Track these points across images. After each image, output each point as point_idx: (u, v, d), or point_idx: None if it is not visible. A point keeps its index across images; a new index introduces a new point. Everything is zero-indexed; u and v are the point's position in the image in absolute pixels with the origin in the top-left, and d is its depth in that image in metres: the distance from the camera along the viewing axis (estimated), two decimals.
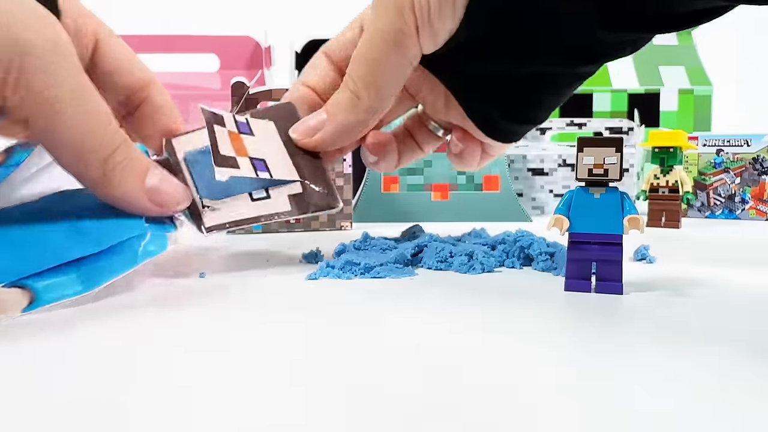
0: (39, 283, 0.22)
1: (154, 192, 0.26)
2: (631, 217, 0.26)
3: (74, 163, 0.24)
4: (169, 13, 1.02)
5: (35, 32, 0.22)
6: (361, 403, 0.15)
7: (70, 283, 0.23)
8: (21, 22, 0.22)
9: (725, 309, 0.25)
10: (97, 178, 0.24)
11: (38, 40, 0.22)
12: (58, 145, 0.24)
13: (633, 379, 0.17)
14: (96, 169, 0.24)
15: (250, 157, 0.30)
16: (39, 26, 0.22)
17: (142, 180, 0.26)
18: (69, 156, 0.24)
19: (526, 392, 0.16)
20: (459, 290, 0.28)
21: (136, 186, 0.26)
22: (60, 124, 0.23)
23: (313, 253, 0.36)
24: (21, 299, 0.21)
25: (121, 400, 0.15)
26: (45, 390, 0.16)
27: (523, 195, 0.69)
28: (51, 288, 0.22)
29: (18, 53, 0.21)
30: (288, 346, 0.20)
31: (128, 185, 0.25)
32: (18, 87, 0.22)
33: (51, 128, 0.23)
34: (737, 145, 0.63)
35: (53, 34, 0.23)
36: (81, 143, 0.24)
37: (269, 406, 0.15)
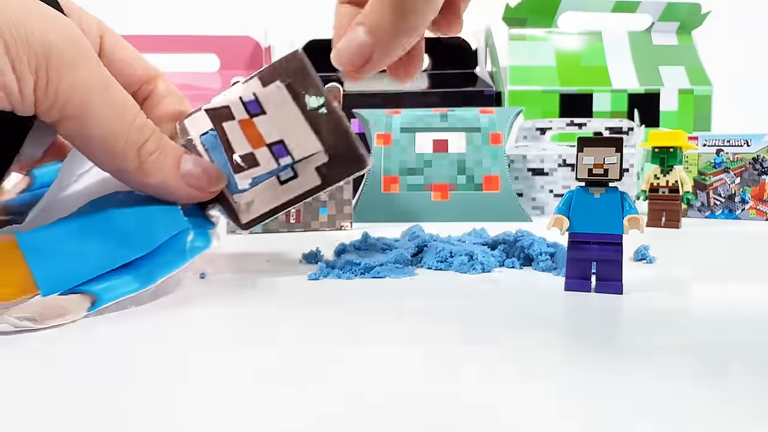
0: (96, 287, 0.23)
1: (190, 176, 0.26)
2: (631, 217, 0.26)
3: (109, 157, 0.25)
4: (169, 13, 1.02)
5: (56, 34, 0.22)
6: (361, 403, 0.15)
7: (126, 283, 0.24)
8: (41, 26, 0.22)
9: (725, 309, 0.25)
10: (134, 169, 0.25)
11: (61, 42, 0.22)
12: (91, 143, 0.24)
13: (633, 380, 0.17)
14: (131, 161, 0.25)
15: (267, 144, 0.29)
16: (58, 28, 0.23)
17: (177, 166, 0.26)
18: (103, 151, 0.24)
19: (525, 392, 0.16)
20: (459, 290, 0.28)
21: (172, 172, 0.26)
22: (90, 121, 0.23)
23: (313, 253, 0.36)
24: (82, 302, 0.22)
25: (120, 400, 0.15)
26: (46, 391, 0.16)
27: (523, 195, 0.69)
28: (109, 289, 0.23)
29: (44, 57, 0.22)
30: (288, 346, 0.20)
31: (164, 173, 0.26)
32: (48, 89, 0.22)
33: (82, 126, 0.23)
34: (737, 145, 0.63)
35: (73, 33, 0.23)
36: (113, 137, 0.24)
37: (269, 406, 0.15)
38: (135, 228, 0.25)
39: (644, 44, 0.86)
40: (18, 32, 0.21)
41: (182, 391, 0.16)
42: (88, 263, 0.23)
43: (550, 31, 0.87)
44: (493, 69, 0.87)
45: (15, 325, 0.20)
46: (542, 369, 0.17)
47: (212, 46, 0.85)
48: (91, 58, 0.24)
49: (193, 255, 0.26)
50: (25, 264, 0.22)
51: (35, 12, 0.23)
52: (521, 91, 0.82)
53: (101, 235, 0.24)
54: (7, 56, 0.21)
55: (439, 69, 0.88)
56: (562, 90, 0.82)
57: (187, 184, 0.26)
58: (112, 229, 0.24)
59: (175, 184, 0.26)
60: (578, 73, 0.84)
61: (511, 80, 0.82)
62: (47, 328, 0.21)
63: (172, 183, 0.26)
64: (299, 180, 0.29)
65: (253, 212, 0.29)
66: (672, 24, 0.86)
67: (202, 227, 0.27)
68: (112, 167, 0.25)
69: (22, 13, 0.22)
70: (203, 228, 0.27)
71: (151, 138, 0.25)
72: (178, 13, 1.04)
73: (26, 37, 0.21)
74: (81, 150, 0.25)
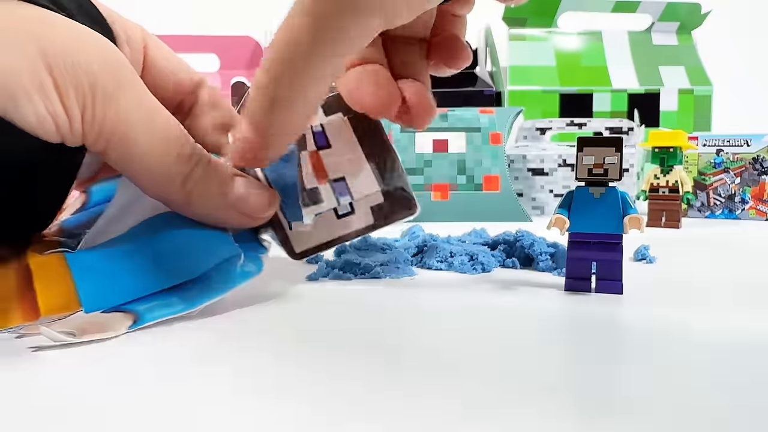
0: (140, 306, 0.22)
1: (240, 202, 0.25)
2: (631, 217, 0.26)
3: (154, 188, 0.24)
4: (169, 13, 1.02)
5: (100, 64, 0.22)
6: (361, 403, 0.15)
7: (170, 304, 0.23)
8: (87, 56, 0.22)
9: (725, 309, 0.25)
10: (180, 200, 0.24)
11: (105, 72, 0.22)
12: (136, 173, 0.24)
13: (633, 380, 0.17)
14: (176, 192, 0.24)
15: (329, 179, 0.28)
16: (103, 57, 0.22)
17: (225, 193, 0.25)
18: (148, 182, 0.24)
19: (525, 393, 0.16)
20: (459, 290, 0.28)
21: (220, 200, 0.25)
22: (134, 153, 0.23)
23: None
24: (124, 320, 0.22)
25: (119, 400, 0.15)
26: (45, 395, 0.16)
27: (523, 195, 0.69)
28: (152, 309, 0.22)
29: (90, 90, 0.22)
30: (288, 346, 0.20)
31: (211, 201, 0.24)
32: (94, 122, 0.22)
33: (127, 158, 0.23)
34: (737, 145, 0.63)
35: (117, 61, 0.23)
36: (158, 168, 0.23)
37: (269, 405, 0.15)
38: (185, 251, 0.24)
39: (644, 44, 0.86)
40: (66, 65, 0.21)
41: (181, 392, 0.16)
42: (135, 284, 0.23)
43: (550, 31, 0.87)
44: (493, 69, 0.87)
45: (54, 339, 0.19)
46: (542, 369, 0.17)
47: (212, 46, 0.85)
48: (135, 86, 0.23)
49: (243, 280, 0.25)
50: (71, 281, 0.22)
51: (81, 40, 0.22)
52: (521, 91, 0.82)
53: (150, 256, 0.23)
54: (56, 91, 0.21)
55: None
56: (562, 90, 0.82)
57: (238, 210, 0.25)
58: (162, 252, 0.24)
59: (223, 213, 0.25)
60: (578, 73, 0.84)
61: (511, 80, 0.82)
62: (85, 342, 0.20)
63: (221, 212, 0.25)
64: (355, 217, 0.29)
65: (308, 243, 0.29)
66: (672, 24, 0.86)
67: (254, 251, 0.26)
68: (158, 197, 0.24)
69: (69, 43, 0.22)
70: (255, 252, 0.26)
71: (198, 166, 0.24)
72: (178, 13, 1.04)
73: (74, 70, 0.21)
74: (129, 178, 0.24)
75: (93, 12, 0.26)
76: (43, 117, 0.21)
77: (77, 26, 0.23)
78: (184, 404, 0.15)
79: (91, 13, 0.26)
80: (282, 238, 0.28)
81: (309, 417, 0.14)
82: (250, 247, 0.26)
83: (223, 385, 0.16)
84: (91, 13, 0.26)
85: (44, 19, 0.22)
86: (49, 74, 0.21)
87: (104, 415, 0.14)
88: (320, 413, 0.14)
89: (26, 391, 0.16)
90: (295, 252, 0.29)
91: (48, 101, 0.21)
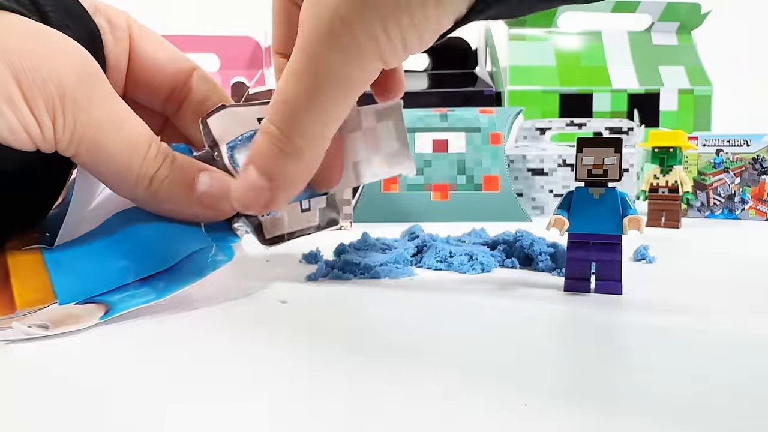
0: (112, 297, 0.23)
1: (206, 197, 0.26)
2: (630, 218, 0.26)
3: (122, 187, 0.25)
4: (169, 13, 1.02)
5: (70, 72, 0.22)
6: (360, 403, 0.15)
7: (142, 294, 0.24)
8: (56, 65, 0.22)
9: (725, 309, 0.25)
10: (147, 198, 0.25)
11: (74, 81, 0.22)
12: (105, 175, 0.24)
13: (632, 380, 0.17)
14: (144, 191, 0.24)
15: None
16: (72, 64, 0.23)
17: (191, 188, 0.25)
18: (116, 183, 0.24)
19: (525, 393, 0.16)
20: (459, 290, 0.28)
21: (186, 196, 0.25)
22: (103, 157, 0.23)
23: (313, 253, 0.36)
24: (96, 311, 0.22)
25: (117, 401, 0.15)
26: (37, 392, 0.16)
27: (523, 195, 0.69)
28: (124, 299, 0.23)
29: (59, 99, 0.22)
30: (288, 346, 0.20)
31: (177, 198, 0.25)
32: (65, 129, 0.22)
33: (96, 161, 0.24)
34: (737, 145, 0.63)
35: (87, 67, 0.23)
36: (127, 169, 0.24)
37: (268, 405, 0.15)
38: (157, 243, 0.25)
39: (644, 44, 0.86)
40: (34, 76, 0.21)
41: (180, 392, 0.16)
42: (108, 276, 0.24)
43: (550, 31, 0.87)
44: (493, 69, 0.87)
45: (25, 333, 0.20)
46: (541, 369, 0.17)
47: (212, 46, 0.85)
48: (104, 93, 0.24)
49: (214, 269, 0.26)
50: (46, 275, 0.23)
51: (50, 48, 0.22)
52: (521, 91, 0.82)
53: (123, 249, 0.24)
54: (25, 103, 0.21)
55: (438, 69, 0.88)
56: (562, 90, 0.82)
57: (203, 205, 0.26)
58: (134, 244, 0.25)
59: (189, 208, 0.26)
60: (578, 73, 0.84)
61: (511, 80, 0.82)
62: (59, 335, 0.21)
63: (187, 208, 0.26)
64: (310, 214, 0.29)
65: (278, 230, 0.29)
66: (672, 24, 0.86)
67: (225, 240, 0.27)
68: (127, 196, 0.25)
69: (37, 54, 0.22)
70: (226, 241, 0.27)
71: (164, 165, 0.25)
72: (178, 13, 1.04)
73: (42, 81, 0.22)
74: (97, 178, 0.25)
75: (73, 6, 0.26)
76: (15, 129, 0.21)
77: (48, 35, 0.23)
78: (182, 405, 0.15)
79: (69, 7, 0.25)
80: (254, 225, 0.29)
81: (307, 416, 0.14)
82: (221, 236, 0.27)
83: (223, 383, 0.16)
84: (69, 7, 0.25)
85: (12, 31, 0.22)
86: (18, 87, 0.21)
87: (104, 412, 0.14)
88: (319, 412, 0.14)
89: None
90: (265, 238, 0.29)
91: (19, 113, 0.21)
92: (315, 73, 0.20)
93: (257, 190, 0.23)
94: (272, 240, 0.29)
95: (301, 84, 0.21)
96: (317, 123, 0.22)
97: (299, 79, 0.21)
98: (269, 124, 0.22)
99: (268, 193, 0.23)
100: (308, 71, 0.21)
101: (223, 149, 0.28)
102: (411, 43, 0.20)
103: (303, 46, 0.20)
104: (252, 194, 0.24)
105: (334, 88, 0.21)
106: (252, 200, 0.24)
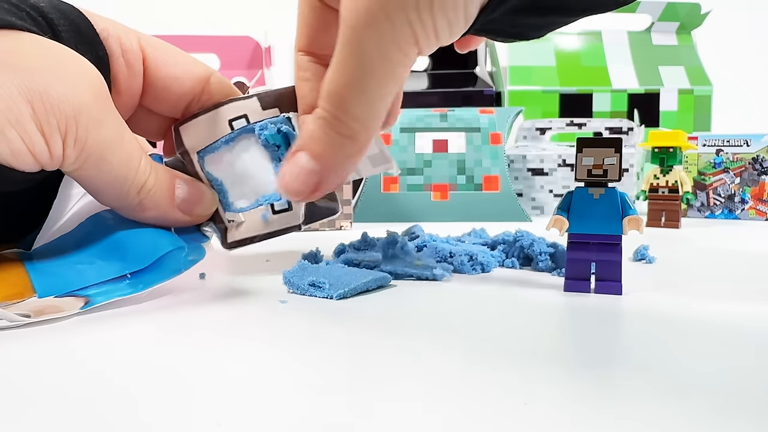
0: (90, 291, 0.25)
1: (184, 204, 0.28)
2: (630, 218, 0.26)
3: (114, 197, 0.26)
4: (169, 13, 1.02)
5: (84, 91, 0.23)
6: (360, 402, 0.15)
7: (119, 289, 0.25)
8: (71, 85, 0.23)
9: (725, 309, 0.25)
10: (134, 206, 0.26)
11: (89, 100, 0.23)
12: (101, 186, 0.25)
13: (632, 380, 0.17)
14: (132, 200, 0.26)
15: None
16: (86, 84, 0.24)
17: (172, 196, 0.27)
18: (110, 193, 0.26)
19: (524, 393, 0.16)
20: (458, 291, 0.28)
21: (167, 204, 0.27)
22: (104, 170, 0.25)
23: (313, 253, 0.36)
24: (76, 302, 0.24)
25: (116, 402, 0.15)
26: (37, 392, 0.16)
27: (523, 195, 0.69)
28: (102, 293, 0.25)
29: (74, 117, 0.23)
30: (288, 345, 0.20)
31: (161, 206, 0.27)
32: (77, 145, 0.23)
33: (95, 175, 0.25)
34: (737, 145, 0.63)
35: (99, 87, 0.24)
36: (122, 181, 0.25)
37: (268, 404, 0.15)
38: (132, 244, 0.26)
39: (644, 44, 0.86)
40: (49, 96, 0.22)
41: (179, 392, 0.16)
42: (83, 275, 0.25)
43: None
44: (493, 69, 0.87)
45: (11, 320, 0.21)
46: (541, 370, 0.18)
47: (212, 46, 0.85)
48: (112, 111, 0.25)
49: (187, 267, 0.27)
50: (25, 271, 0.24)
51: (65, 68, 0.23)
52: (521, 91, 0.82)
53: (98, 250, 0.26)
54: (34, 122, 0.22)
55: (438, 69, 0.88)
56: (562, 90, 0.82)
57: (182, 211, 0.28)
58: (110, 245, 0.26)
59: (171, 214, 0.27)
60: (578, 73, 0.84)
61: (511, 80, 0.82)
62: (42, 321, 0.22)
63: (168, 214, 0.27)
64: (291, 213, 0.29)
65: (240, 234, 0.29)
66: (672, 24, 0.86)
67: (196, 241, 0.29)
68: (113, 205, 0.27)
69: (52, 74, 0.23)
70: (197, 242, 0.29)
71: (151, 175, 0.26)
72: (178, 13, 1.04)
73: (57, 100, 0.22)
74: (87, 189, 0.26)
75: (85, 29, 0.26)
76: (18, 151, 0.22)
77: (63, 54, 0.24)
78: (181, 405, 0.15)
79: (82, 30, 0.26)
80: (220, 227, 0.29)
81: (307, 415, 0.14)
82: (192, 238, 0.28)
83: (223, 383, 0.16)
84: (82, 30, 0.26)
85: (27, 52, 0.23)
86: (30, 107, 0.22)
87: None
88: (319, 412, 0.14)
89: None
90: (227, 242, 0.29)
91: (24, 134, 0.22)
92: (360, 58, 0.22)
93: (308, 174, 0.24)
94: (234, 243, 0.29)
95: (348, 70, 0.22)
96: (367, 105, 0.23)
97: (347, 66, 0.22)
98: (322, 111, 0.23)
99: (317, 177, 0.24)
100: (353, 57, 0.22)
101: (194, 157, 0.29)
102: (441, 30, 0.21)
103: (347, 36, 0.22)
104: (302, 178, 0.24)
105: (379, 70, 0.22)
106: (302, 185, 0.24)
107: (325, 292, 0.27)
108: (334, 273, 0.29)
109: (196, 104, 0.30)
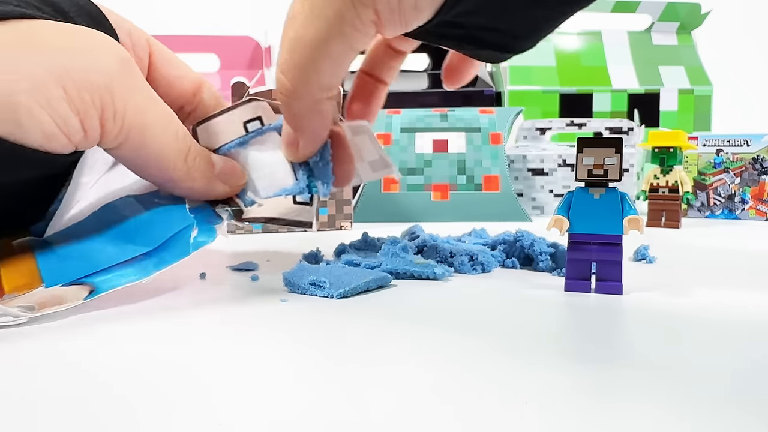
0: (96, 278, 0.25)
1: (222, 174, 0.28)
2: (630, 218, 0.26)
3: (162, 170, 0.26)
4: (169, 13, 1.02)
5: (114, 59, 0.23)
6: (359, 401, 0.15)
7: (125, 275, 0.25)
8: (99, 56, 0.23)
9: (725, 309, 0.25)
10: (181, 176, 0.26)
11: (118, 67, 0.23)
12: (148, 158, 0.25)
13: (632, 380, 0.17)
14: (180, 169, 0.26)
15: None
16: (114, 53, 0.23)
17: (213, 168, 0.27)
18: (157, 165, 0.25)
19: (525, 392, 0.16)
20: (459, 291, 0.28)
21: (211, 174, 0.27)
22: (149, 139, 0.24)
23: (313, 253, 0.36)
24: (80, 291, 0.24)
25: (115, 402, 0.15)
26: (35, 390, 0.16)
27: (523, 195, 0.69)
28: (108, 280, 0.25)
29: (107, 88, 0.22)
30: (288, 345, 0.20)
31: (207, 174, 0.27)
32: (117, 117, 0.23)
33: (142, 146, 0.24)
34: (737, 145, 0.63)
35: (120, 52, 0.24)
36: (168, 150, 0.25)
37: (268, 403, 0.15)
38: (141, 227, 0.26)
39: (644, 44, 0.86)
40: (76, 73, 0.22)
41: (180, 392, 0.16)
42: (93, 259, 0.25)
43: None
44: (493, 69, 0.87)
45: (14, 316, 0.21)
46: (541, 370, 0.17)
47: (212, 46, 0.85)
48: (140, 75, 0.24)
49: (195, 248, 0.27)
50: (34, 261, 0.24)
51: (85, 42, 0.23)
52: (521, 91, 0.82)
53: (110, 237, 0.26)
54: (67, 101, 0.21)
55: (438, 69, 0.88)
56: (562, 90, 0.82)
57: (222, 181, 0.28)
58: (118, 229, 0.26)
59: (214, 187, 0.27)
60: (578, 73, 0.84)
61: (511, 80, 0.82)
62: (41, 319, 0.22)
63: (212, 184, 0.27)
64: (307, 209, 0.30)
65: (254, 213, 0.29)
66: (672, 24, 0.86)
67: (208, 222, 0.28)
68: (162, 178, 0.26)
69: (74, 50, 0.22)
70: (209, 223, 0.28)
71: (192, 142, 0.26)
72: (179, 13, 1.04)
73: (86, 74, 0.22)
74: (133, 167, 0.26)
75: (96, 15, 0.26)
76: (50, 133, 0.21)
77: (78, 30, 0.23)
78: (181, 405, 0.15)
79: (93, 16, 0.26)
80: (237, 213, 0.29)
81: (307, 415, 0.14)
82: (204, 218, 0.28)
83: (223, 383, 0.16)
84: (93, 16, 0.26)
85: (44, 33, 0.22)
86: (60, 86, 0.21)
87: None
88: (319, 411, 0.14)
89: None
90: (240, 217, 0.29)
91: (56, 115, 0.21)
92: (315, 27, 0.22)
93: (289, 135, 0.26)
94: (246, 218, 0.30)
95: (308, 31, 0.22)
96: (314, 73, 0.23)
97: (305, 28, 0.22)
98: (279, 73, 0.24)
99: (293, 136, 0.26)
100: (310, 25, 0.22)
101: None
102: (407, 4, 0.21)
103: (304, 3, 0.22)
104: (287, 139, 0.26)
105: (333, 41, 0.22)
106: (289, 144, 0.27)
107: (325, 291, 0.27)
108: (335, 272, 0.29)
109: (188, 107, 0.31)
